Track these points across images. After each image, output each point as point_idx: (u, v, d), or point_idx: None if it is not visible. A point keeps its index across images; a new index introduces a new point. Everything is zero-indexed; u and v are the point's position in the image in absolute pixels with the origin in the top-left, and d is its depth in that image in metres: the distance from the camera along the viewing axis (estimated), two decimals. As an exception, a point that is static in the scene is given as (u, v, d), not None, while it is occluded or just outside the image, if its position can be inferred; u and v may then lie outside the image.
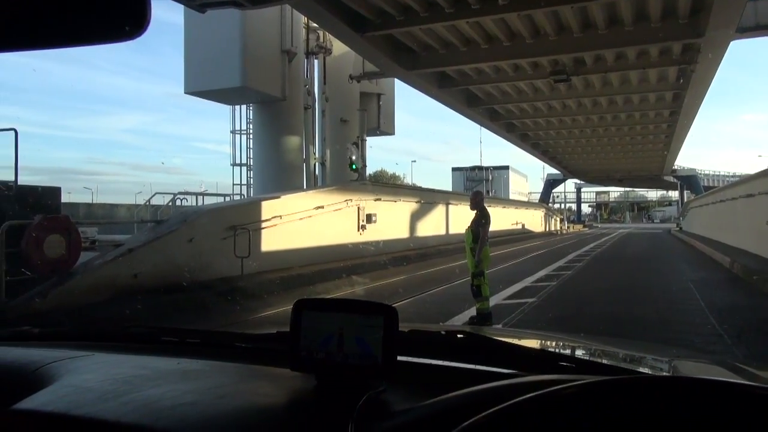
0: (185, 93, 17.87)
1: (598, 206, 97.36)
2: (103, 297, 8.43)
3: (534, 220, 42.81)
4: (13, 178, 9.48)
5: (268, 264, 11.89)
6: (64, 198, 12.00)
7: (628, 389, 0.63)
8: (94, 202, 33.62)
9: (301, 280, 11.53)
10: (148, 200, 19.21)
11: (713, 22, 13.60)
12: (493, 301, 8.38)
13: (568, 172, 55.54)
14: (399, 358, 0.92)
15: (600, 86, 21.95)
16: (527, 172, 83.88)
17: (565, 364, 1.02)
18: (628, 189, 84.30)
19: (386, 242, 17.07)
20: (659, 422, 0.59)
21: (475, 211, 7.72)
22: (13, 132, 9.51)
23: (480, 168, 58.51)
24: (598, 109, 26.09)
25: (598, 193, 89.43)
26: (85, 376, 0.99)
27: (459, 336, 1.12)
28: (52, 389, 0.94)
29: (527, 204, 48.67)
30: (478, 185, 50.16)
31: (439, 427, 0.69)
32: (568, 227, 55.79)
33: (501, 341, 1.10)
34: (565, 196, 72.96)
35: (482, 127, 31.19)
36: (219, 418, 0.84)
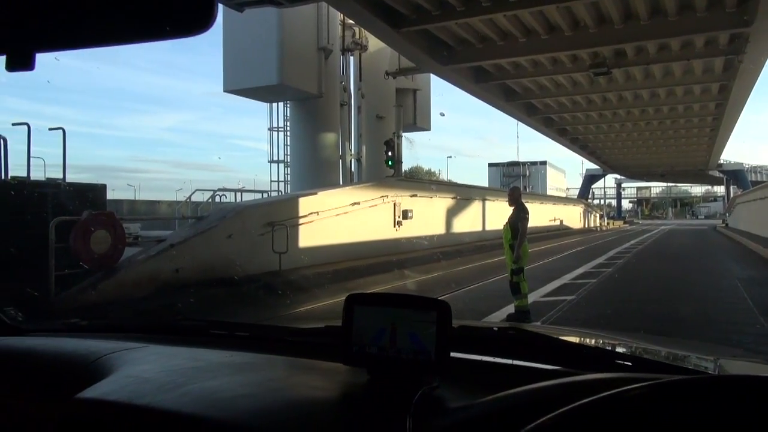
0: (224, 91, 18.16)
1: (639, 202, 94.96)
2: (146, 291, 8.67)
3: (572, 217, 42.07)
4: (61, 176, 9.84)
5: (304, 260, 12.01)
6: (109, 195, 12.36)
7: (706, 388, 0.60)
8: (136, 198, 34.56)
9: (338, 275, 11.61)
10: (189, 197, 19.63)
11: (762, 10, 13.08)
12: (532, 298, 8.28)
13: (608, 167, 54.30)
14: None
15: (642, 79, 21.36)
16: (565, 167, 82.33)
17: (621, 362, 0.99)
18: (670, 184, 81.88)
19: (422, 238, 17.03)
20: (738, 422, 0.56)
21: (513, 207, 7.64)
22: (61, 131, 9.86)
23: (517, 163, 57.73)
24: (640, 102, 25.41)
25: (638, 188, 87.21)
26: (143, 367, 1.01)
27: (510, 332, 1.11)
28: (113, 379, 0.96)
29: (565, 200, 47.84)
30: (515, 181, 49.56)
31: (498, 426, 0.68)
32: (608, 224, 54.61)
33: (553, 338, 1.08)
34: (604, 191, 71.43)
35: (519, 122, 30.78)
36: (276, 411, 0.85)
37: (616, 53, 17.85)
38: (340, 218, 13.84)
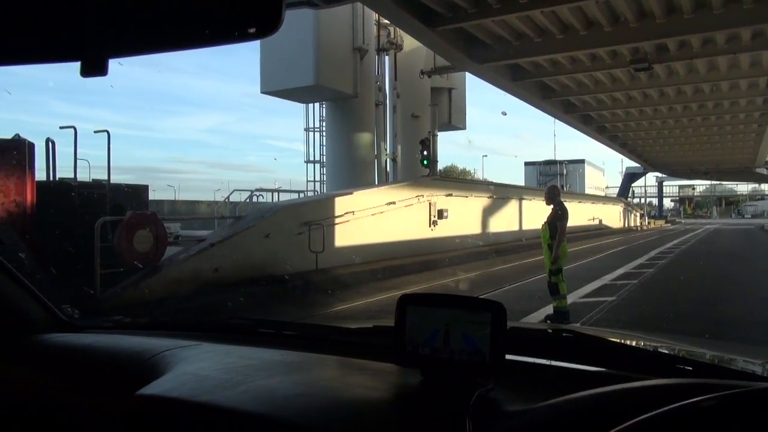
0: (262, 93, 18.42)
1: (682, 201, 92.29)
2: (186, 289, 8.84)
3: (611, 216, 41.20)
4: (106, 177, 10.13)
5: (340, 259, 12.07)
6: (150, 195, 12.67)
7: None
8: (176, 199, 35.31)
9: (374, 275, 11.64)
10: (227, 197, 19.96)
11: (814, 0, 12.56)
12: (570, 298, 8.13)
13: (649, 165, 52.93)
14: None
15: (685, 74, 20.74)
16: (604, 165, 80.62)
17: (682, 367, 0.96)
18: (714, 182, 79.35)
19: (458, 238, 16.93)
20: None
21: (551, 206, 7.52)
22: (106, 133, 10.14)
23: (554, 162, 56.80)
24: (683, 98, 24.68)
25: (681, 187, 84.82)
26: (199, 365, 1.03)
27: (564, 334, 1.09)
28: (172, 376, 0.98)
29: (604, 199, 46.87)
30: (552, 180, 48.77)
31: None
32: (649, 223, 53.28)
33: (609, 341, 1.05)
34: (645, 190, 69.71)
35: (556, 120, 30.29)
36: (333, 411, 0.85)
37: (657, 48, 17.38)
38: (375, 218, 13.87)
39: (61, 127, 9.92)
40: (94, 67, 0.52)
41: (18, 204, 8.17)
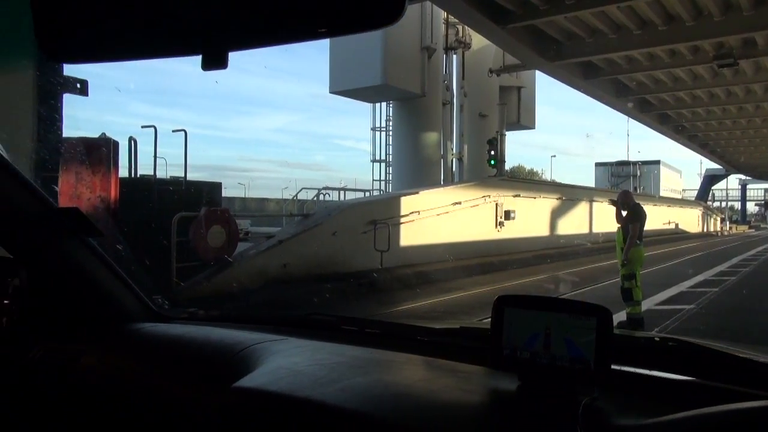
0: (330, 93, 18.71)
1: (767, 205, 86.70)
2: (256, 284, 9.09)
3: (689, 220, 39.23)
4: (182, 175, 10.54)
5: (405, 258, 12.08)
6: (222, 193, 13.07)
7: None
8: (246, 196, 36.44)
9: (439, 275, 11.57)
10: (296, 195, 20.37)
11: None
12: (645, 305, 7.78)
13: (731, 166, 50.10)
14: None
15: (774, 70, 19.51)
16: (681, 167, 76.91)
17: None
18: (805, 186, 74.04)
19: (525, 240, 16.60)
20: None
21: (627, 211, 7.25)
22: (183, 132, 10.57)
23: (627, 163, 54.50)
24: (771, 95, 23.22)
25: (767, 190, 79.73)
26: (292, 360, 1.04)
27: (669, 343, 1.02)
28: (267, 370, 0.99)
29: (681, 202, 44.67)
30: (625, 181, 46.93)
31: None
32: (730, 228, 50.34)
33: (723, 352, 0.98)
34: (726, 193, 65.89)
35: (630, 119, 29.18)
36: (430, 413, 0.83)
37: (744, 42, 16.41)
38: (441, 218, 13.79)
39: (142, 126, 10.41)
40: (215, 61, 0.53)
41: (103, 199, 8.63)
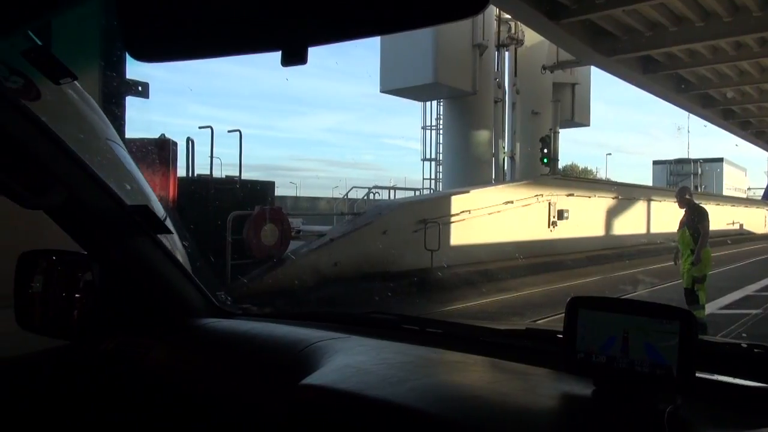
0: (381, 92, 18.74)
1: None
2: (308, 282, 9.22)
3: (755, 220, 37.33)
4: (237, 174, 10.80)
5: (455, 258, 11.98)
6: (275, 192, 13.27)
7: None
8: (298, 195, 36.95)
9: (490, 275, 11.44)
10: (346, 194, 20.52)
11: None
12: (708, 309, 7.46)
13: (802, 164, 47.42)
14: None
15: None
16: (746, 164, 73.21)
17: None
18: None
19: (579, 240, 16.20)
20: None
21: (685, 210, 6.97)
22: (238, 133, 10.83)
23: (687, 161, 52.37)
24: None
25: (842, 189, 75.05)
26: (357, 358, 1.03)
27: (756, 350, 0.96)
28: (333, 368, 0.99)
29: (746, 201, 42.60)
30: (684, 180, 45.11)
31: None
32: (801, 229, 47.65)
33: None
34: (796, 192, 62.37)
35: (691, 115, 28.07)
36: (505, 415, 0.81)
37: (817, 33, 15.52)
38: (492, 217, 13.63)
39: (200, 127, 10.72)
40: (295, 56, 0.53)
41: (162, 198, 8.93)
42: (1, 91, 1.15)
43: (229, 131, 10.87)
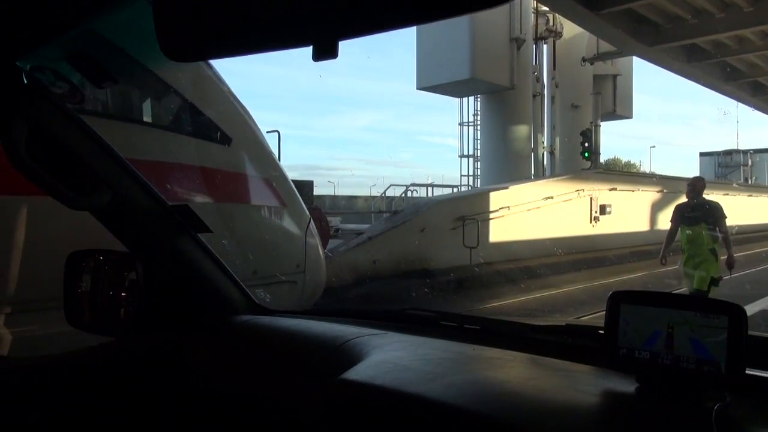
0: (417, 89, 18.72)
1: None
2: (347, 280, 9.27)
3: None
4: (276, 173, 10.92)
5: (494, 255, 11.86)
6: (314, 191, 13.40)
7: None
8: (336, 194, 37.22)
9: (531, 272, 11.27)
10: (384, 192, 20.58)
11: None
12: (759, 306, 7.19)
13: None
14: None
15: None
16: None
17: None
18: None
19: (622, 235, 15.82)
20: None
21: (684, 204, 6.73)
22: (276, 133, 10.95)
23: (736, 152, 50.46)
24: None
25: None
26: (395, 354, 1.03)
27: None
28: (371, 364, 0.99)
29: (801, 193, 40.82)
30: (733, 172, 43.55)
31: None
32: None
33: None
34: None
35: (740, 104, 27.05)
36: (547, 412, 0.80)
37: None
38: (531, 213, 13.44)
39: (267, 132, 10.84)
40: (326, 50, 0.53)
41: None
42: (47, 96, 1.19)
43: (267, 132, 10.99)
